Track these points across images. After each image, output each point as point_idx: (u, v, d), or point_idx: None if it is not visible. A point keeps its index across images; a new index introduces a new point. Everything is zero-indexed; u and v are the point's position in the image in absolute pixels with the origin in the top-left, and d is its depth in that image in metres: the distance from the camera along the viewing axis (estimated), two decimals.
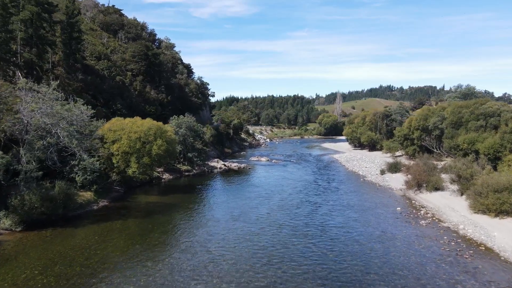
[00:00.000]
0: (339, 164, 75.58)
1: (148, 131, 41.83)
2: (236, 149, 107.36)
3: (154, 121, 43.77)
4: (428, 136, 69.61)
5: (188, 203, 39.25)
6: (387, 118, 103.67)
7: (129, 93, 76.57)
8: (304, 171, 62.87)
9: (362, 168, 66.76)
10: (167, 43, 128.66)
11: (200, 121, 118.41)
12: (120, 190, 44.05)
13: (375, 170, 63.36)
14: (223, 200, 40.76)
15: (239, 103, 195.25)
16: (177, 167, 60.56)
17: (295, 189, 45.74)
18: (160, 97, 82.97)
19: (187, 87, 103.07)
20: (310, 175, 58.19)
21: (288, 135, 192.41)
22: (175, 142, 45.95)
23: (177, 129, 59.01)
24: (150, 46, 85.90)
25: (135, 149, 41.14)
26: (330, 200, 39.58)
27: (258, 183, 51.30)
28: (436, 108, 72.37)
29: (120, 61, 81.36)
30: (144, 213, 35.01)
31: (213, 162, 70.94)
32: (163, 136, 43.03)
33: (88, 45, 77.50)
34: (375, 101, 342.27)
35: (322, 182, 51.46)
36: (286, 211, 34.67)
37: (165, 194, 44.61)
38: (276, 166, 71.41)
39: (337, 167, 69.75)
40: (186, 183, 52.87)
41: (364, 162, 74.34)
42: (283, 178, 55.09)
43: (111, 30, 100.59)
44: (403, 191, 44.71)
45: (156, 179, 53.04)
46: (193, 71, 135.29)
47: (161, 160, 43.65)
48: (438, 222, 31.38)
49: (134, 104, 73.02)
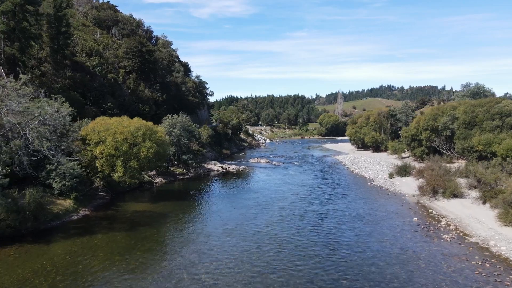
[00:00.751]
0: (343, 166, 71.56)
1: (136, 132, 37.81)
2: (235, 150, 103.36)
3: (143, 121, 39.74)
4: (438, 137, 65.61)
5: (179, 212, 35.21)
6: (391, 118, 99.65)
7: (121, 91, 72.58)
8: (306, 175, 58.84)
9: (368, 170, 62.75)
10: (164, 40, 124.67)
11: (198, 121, 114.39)
12: (105, 197, 40.03)
13: (382, 173, 59.37)
14: (217, 208, 36.73)
15: (238, 103, 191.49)
16: (171, 170, 56.56)
17: (297, 196, 41.68)
18: (155, 96, 78.92)
19: (183, 85, 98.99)
20: (313, 179, 54.15)
21: (288, 135, 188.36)
22: (166, 144, 41.91)
23: (171, 129, 54.99)
24: (144, 42, 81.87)
25: (121, 152, 37.11)
26: (338, 210, 35.51)
27: (257, 188, 47.26)
28: (445, 107, 68.34)
29: (113, 57, 77.32)
30: (128, 225, 30.97)
31: (210, 165, 66.93)
32: (152, 138, 39.01)
33: (78, 41, 73.50)
34: (376, 101, 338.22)
35: (326, 187, 47.42)
36: (287, 224, 30.57)
37: (155, 201, 40.57)
38: (277, 168, 67.41)
39: (341, 170, 65.72)
40: (180, 188, 48.84)
41: (369, 164, 70.32)
42: (284, 182, 51.06)
43: (105, 26, 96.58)
44: (417, 197, 40.70)
45: (147, 184, 49.02)
46: (190, 70, 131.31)
47: (150, 164, 39.61)
48: (463, 237, 27.35)
49: (126, 103, 69.01)
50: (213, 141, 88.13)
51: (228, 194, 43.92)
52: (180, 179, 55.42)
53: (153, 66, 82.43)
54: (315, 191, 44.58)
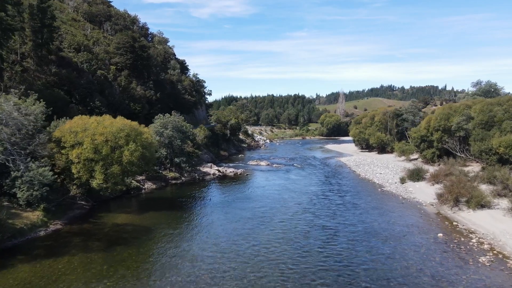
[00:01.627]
0: (348, 169, 66.96)
1: (119, 133, 33.19)
2: (233, 151, 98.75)
3: (126, 121, 35.08)
4: (451, 138, 61.02)
5: (166, 225, 30.62)
6: (397, 118, 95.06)
7: (112, 89, 67.96)
8: (309, 179, 54.20)
9: (376, 174, 58.14)
10: (160, 37, 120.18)
11: (195, 120, 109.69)
12: (85, 206, 35.44)
13: (392, 177, 54.78)
14: (209, 221, 32.11)
15: (238, 102, 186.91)
16: (163, 174, 51.94)
17: (301, 206, 36.96)
18: (148, 94, 74.31)
19: (179, 83, 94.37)
20: (317, 185, 49.52)
21: (289, 135, 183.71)
22: (154, 147, 37.25)
23: (162, 130, 50.40)
24: (137, 38, 77.24)
25: (101, 156, 32.50)
26: (348, 224, 30.83)
27: (255, 195, 42.61)
28: (458, 106, 63.73)
29: (103, 53, 72.70)
30: (104, 243, 26.35)
31: (205, 168, 62.32)
32: (138, 139, 34.39)
33: (66, 36, 68.87)
34: (377, 101, 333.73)
35: (332, 195, 42.75)
36: (290, 244, 25.77)
37: (141, 211, 35.94)
38: (277, 172, 62.79)
39: (347, 174, 61.10)
40: (171, 195, 44.22)
41: (376, 167, 65.73)
42: (285, 189, 46.41)
43: (97, 22, 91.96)
44: (436, 207, 36.11)
45: (135, 190, 44.41)
46: (188, 68, 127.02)
47: (135, 169, 34.99)
48: (504, 259, 22.76)
49: (116, 102, 64.40)
50: (210, 142, 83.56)
51: (223, 202, 39.28)
52: (173, 184, 50.82)
53: (147, 62, 77.83)
54: (320, 199, 39.91)
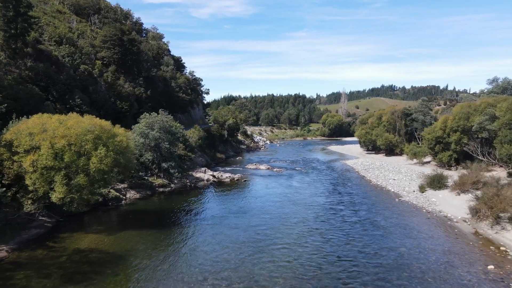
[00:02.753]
0: (356, 174, 60.77)
1: (85, 136, 26.97)
2: (231, 153, 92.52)
3: (96, 120, 28.77)
4: (472, 140, 54.88)
5: (140, 251, 24.45)
6: (406, 118, 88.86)
7: (96, 85, 61.79)
8: (314, 188, 47.96)
9: (388, 180, 51.96)
10: (154, 33, 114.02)
11: (191, 120, 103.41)
12: (46, 224, 29.26)
13: (408, 184, 48.62)
14: (194, 246, 25.90)
15: (236, 101, 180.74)
16: (149, 181, 45.74)
17: (306, 225, 30.51)
18: (137, 91, 68.13)
19: (173, 81, 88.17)
20: (324, 195, 43.28)
21: (289, 136, 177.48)
22: (131, 151, 30.97)
23: (148, 131, 44.21)
24: (126, 30, 71.02)
25: (63, 163, 26.29)
26: (370, 252, 24.34)
27: (252, 209, 36.31)
28: (479, 105, 57.58)
29: (88, 47, 66.48)
30: (56, 279, 20.14)
31: (198, 173, 56.08)
32: (110, 143, 28.16)
33: (48, 27, 62.71)
34: (379, 100, 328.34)
35: (344, 208, 36.39)
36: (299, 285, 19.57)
37: (115, 229, 29.73)
38: (278, 177, 56.58)
39: (356, 180, 54.91)
40: (154, 207, 37.99)
41: (388, 172, 59.52)
42: (287, 200, 40.11)
43: (85, 15, 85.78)
44: (471, 224, 29.93)
45: (114, 201, 38.21)
46: (184, 65, 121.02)
47: (106, 179, 28.76)
48: None
49: (100, 99, 58.25)
50: (205, 143, 77.38)
51: (214, 218, 33.03)
52: (160, 193, 44.62)
53: (136, 57, 71.62)
54: (329, 215, 33.51)
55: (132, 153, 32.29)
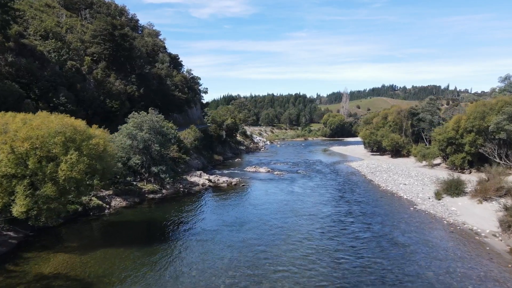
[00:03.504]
0: (362, 177, 56.71)
1: (53, 138, 22.91)
2: (230, 154, 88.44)
3: (67, 119, 24.64)
4: (489, 141, 50.85)
5: (112, 278, 20.38)
6: (413, 118, 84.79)
7: (84, 83, 57.81)
8: (319, 194, 43.87)
9: (399, 185, 47.89)
10: (150, 29, 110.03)
11: (188, 120, 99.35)
12: (11, 240, 25.21)
13: (420, 189, 44.56)
14: (178, 271, 21.83)
15: (235, 101, 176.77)
16: (137, 187, 41.67)
17: (312, 243, 25.88)
18: (129, 90, 64.11)
19: (169, 78, 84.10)
20: (330, 203, 39.19)
21: (290, 136, 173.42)
22: (110, 155, 26.80)
23: (136, 131, 40.14)
24: (118, 25, 66.95)
25: (27, 171, 22.26)
26: (391, 279, 19.94)
27: (250, 221, 32.15)
28: (495, 103, 53.53)
29: (76, 42, 62.47)
30: None
31: (193, 177, 52.00)
32: (83, 146, 24.10)
33: (33, 21, 58.71)
34: (381, 100, 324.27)
35: (354, 221, 32.07)
36: None
37: (91, 246, 25.64)
38: (279, 181, 52.54)
39: (363, 184, 50.86)
40: (141, 218, 33.89)
41: (397, 176, 55.44)
42: (289, 209, 35.94)
43: (75, 9, 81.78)
44: (503, 239, 25.87)
45: (96, 210, 34.14)
46: (182, 64, 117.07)
47: (80, 188, 24.67)
48: None
49: (88, 98, 54.31)
50: (202, 145, 73.31)
51: (206, 233, 28.91)
52: (150, 200, 40.55)
53: (129, 53, 67.60)
54: (338, 230, 29.17)
55: (113, 158, 28.15)
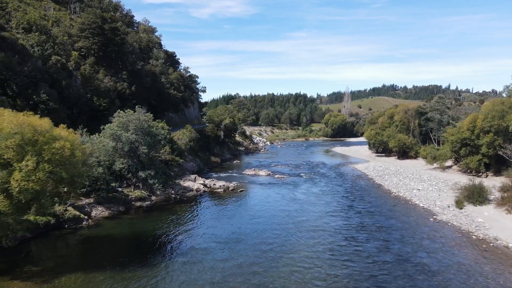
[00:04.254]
0: (371, 182, 52.44)
1: (4, 140, 18.64)
2: (228, 156, 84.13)
3: (24, 117, 20.30)
4: (509, 143, 46.61)
5: None
6: (420, 117, 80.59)
7: (70, 79, 53.60)
8: (325, 203, 39.51)
9: (412, 191, 43.61)
10: (146, 25, 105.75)
11: (185, 120, 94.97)
12: None
13: (437, 195, 40.31)
14: None
15: (234, 100, 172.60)
16: (123, 194, 37.39)
17: (322, 273, 21.11)
18: (120, 87, 59.82)
19: (164, 76, 79.77)
20: (338, 214, 34.83)
21: (291, 136, 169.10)
22: (79, 162, 22.46)
23: (120, 132, 35.86)
24: (108, 18, 62.64)
25: None
26: None
27: (246, 238, 27.64)
28: None
29: (62, 36, 58.17)
30: None
31: (187, 181, 47.73)
32: (45, 150, 19.83)
33: (16, 13, 54.41)
34: (382, 100, 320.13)
35: (369, 237, 27.58)
36: None
37: (59, 268, 21.38)
38: (280, 186, 48.29)
39: (373, 189, 46.62)
40: (124, 231, 29.60)
41: (408, 180, 51.15)
42: (293, 222, 31.54)
43: (64, 3, 77.47)
44: None
45: (72, 222, 29.87)
46: (179, 62, 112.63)
47: (42, 201, 20.40)
48: None
49: (73, 95, 50.13)
50: (198, 146, 69.04)
51: (194, 252, 24.61)
52: (137, 208, 36.29)
53: (119, 48, 63.29)
54: (352, 252, 24.40)
55: (86, 163, 23.83)
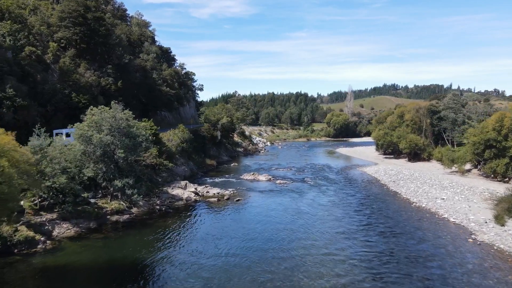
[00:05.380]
0: (384, 188, 46.49)
1: None
2: (225, 158, 78.13)
3: None
4: None
5: None
6: (433, 116, 74.63)
7: (46, 73, 47.71)
8: (336, 219, 33.49)
9: (436, 200, 37.61)
10: (139, 19, 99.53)
11: (180, 119, 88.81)
12: None
13: (467, 207, 34.35)
14: None
15: (233, 98, 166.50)
16: (96, 206, 31.40)
17: None
18: (103, 82, 53.81)
19: (155, 71, 73.73)
20: (354, 236, 28.87)
21: (292, 137, 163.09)
22: (7, 177, 16.37)
23: (91, 133, 29.86)
24: (91, 7, 56.57)
25: None
26: None
27: (238, 273, 21.83)
28: None
29: (41, 25, 52.14)
30: None
31: (176, 188, 41.70)
32: None
33: None
34: (384, 99, 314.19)
35: (401, 272, 21.87)
36: None
37: None
38: (282, 194, 42.35)
39: (389, 199, 40.66)
40: (90, 257, 23.60)
41: (427, 186, 45.13)
42: (299, 247, 25.48)
43: None
44: None
45: (24, 245, 23.88)
46: (175, 58, 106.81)
47: None
48: None
49: (48, 91, 44.28)
50: (193, 147, 63.03)
51: None
52: (112, 224, 30.33)
53: (104, 40, 57.25)
54: None
55: (11, 177, 17.83)
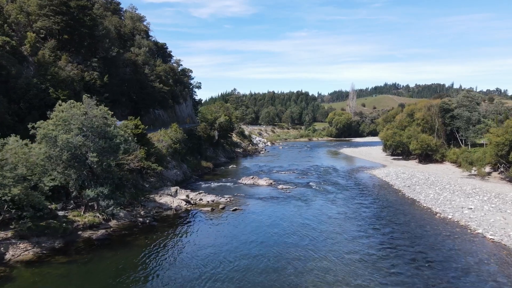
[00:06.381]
0: (399, 194, 41.50)
1: None
2: (223, 159, 73.09)
3: None
4: None
5: None
6: (445, 115, 69.61)
7: (21, 66, 42.70)
8: (350, 238, 28.42)
9: (462, 210, 32.64)
10: (132, 13, 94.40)
11: (176, 118, 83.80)
12: None
13: (501, 218, 29.41)
14: None
15: (231, 96, 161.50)
16: (67, 219, 26.38)
17: None
18: (87, 77, 48.77)
19: (147, 67, 68.66)
20: (375, 262, 23.86)
21: (293, 137, 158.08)
22: None
23: (57, 133, 24.85)
24: None
25: None
26: None
27: None
28: None
29: (18, 14, 47.12)
30: None
31: (165, 196, 36.63)
32: None
33: None
34: (387, 98, 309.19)
35: None
36: None
37: None
38: (285, 202, 37.35)
39: (408, 209, 35.65)
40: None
41: (448, 193, 40.10)
42: (308, 281, 20.65)
43: None
44: None
45: None
46: (171, 55, 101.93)
47: None
48: None
49: (21, 86, 39.29)
50: (187, 148, 58.00)
51: None
52: (84, 242, 25.33)
53: (89, 31, 52.20)
54: None
55: None
